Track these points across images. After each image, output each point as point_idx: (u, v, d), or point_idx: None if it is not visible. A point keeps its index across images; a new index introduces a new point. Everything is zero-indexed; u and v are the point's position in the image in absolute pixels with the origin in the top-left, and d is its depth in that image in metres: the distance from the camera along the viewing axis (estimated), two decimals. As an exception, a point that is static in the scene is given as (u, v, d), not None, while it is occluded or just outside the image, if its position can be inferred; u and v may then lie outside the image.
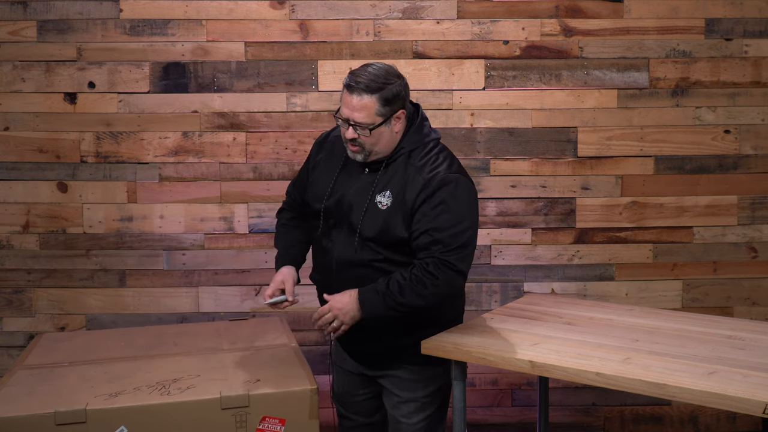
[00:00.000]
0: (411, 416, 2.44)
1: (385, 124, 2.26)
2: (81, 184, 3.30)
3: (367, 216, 2.30)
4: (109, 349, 2.66)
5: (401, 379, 2.44)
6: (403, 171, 2.31)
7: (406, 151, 2.32)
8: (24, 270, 3.32)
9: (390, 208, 2.29)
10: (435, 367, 2.42)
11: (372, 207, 2.31)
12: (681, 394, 1.96)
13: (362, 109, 2.22)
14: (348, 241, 2.34)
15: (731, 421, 3.43)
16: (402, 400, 2.44)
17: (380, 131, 2.26)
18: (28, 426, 2.11)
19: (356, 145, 2.28)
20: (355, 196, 2.34)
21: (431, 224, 2.23)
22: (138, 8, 3.25)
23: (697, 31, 3.32)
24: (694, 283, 3.40)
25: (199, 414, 2.20)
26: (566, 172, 3.35)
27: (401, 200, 2.28)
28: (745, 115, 3.35)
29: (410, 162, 2.31)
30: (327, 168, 2.44)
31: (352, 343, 2.47)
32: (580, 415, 3.44)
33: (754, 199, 3.38)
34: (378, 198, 2.31)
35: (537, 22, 3.29)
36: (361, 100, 2.22)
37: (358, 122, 2.24)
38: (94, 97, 3.28)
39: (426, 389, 2.44)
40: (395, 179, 2.31)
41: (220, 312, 3.34)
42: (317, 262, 2.46)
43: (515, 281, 3.38)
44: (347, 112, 2.25)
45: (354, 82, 2.23)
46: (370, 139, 2.26)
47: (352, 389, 2.58)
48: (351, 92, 2.24)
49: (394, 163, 2.33)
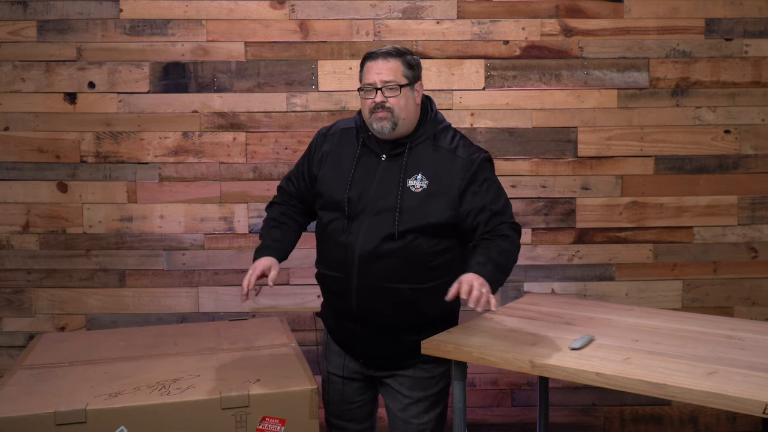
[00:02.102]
0: (421, 416, 2.44)
1: (410, 88, 2.30)
2: (81, 184, 3.30)
3: (402, 201, 2.29)
4: (109, 349, 2.66)
5: (413, 378, 2.43)
6: (434, 153, 2.32)
7: (430, 135, 2.36)
8: (24, 270, 3.32)
9: (427, 191, 2.29)
10: (443, 365, 2.43)
11: (406, 192, 2.30)
12: (681, 394, 1.96)
13: (389, 70, 2.27)
14: (374, 232, 2.29)
15: (731, 421, 3.43)
16: (412, 401, 2.44)
17: (407, 95, 2.30)
18: (28, 426, 2.11)
19: (385, 110, 2.27)
20: (381, 184, 2.32)
21: (485, 200, 2.30)
22: (138, 8, 3.26)
23: (697, 31, 3.32)
24: (694, 283, 3.40)
25: (199, 414, 2.20)
26: (566, 172, 3.35)
27: (441, 183, 2.29)
28: (745, 115, 3.35)
29: (439, 145, 2.34)
30: (339, 159, 2.41)
31: (363, 344, 2.42)
32: (580, 415, 3.44)
33: (754, 199, 3.38)
34: (410, 182, 2.30)
35: (537, 22, 3.29)
36: (387, 63, 2.28)
37: (388, 81, 2.26)
38: (94, 97, 3.28)
39: (436, 386, 2.45)
40: (426, 162, 2.32)
41: (220, 312, 3.34)
42: (332, 259, 2.38)
43: (515, 281, 3.38)
44: (373, 76, 2.28)
45: (377, 51, 2.31)
46: (400, 101, 2.28)
47: (350, 396, 2.53)
48: (375, 59, 2.29)
49: (417, 147, 2.34)
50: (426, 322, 2.38)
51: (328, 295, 2.49)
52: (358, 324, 2.39)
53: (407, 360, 2.42)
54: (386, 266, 2.29)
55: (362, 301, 2.34)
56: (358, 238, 2.31)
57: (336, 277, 2.38)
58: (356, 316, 2.37)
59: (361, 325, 2.39)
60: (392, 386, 2.46)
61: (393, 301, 2.32)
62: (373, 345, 2.41)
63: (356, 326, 2.40)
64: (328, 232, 2.39)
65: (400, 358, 2.42)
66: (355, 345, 2.45)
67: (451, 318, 2.51)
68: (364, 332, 2.39)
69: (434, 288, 2.30)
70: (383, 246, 2.28)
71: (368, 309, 2.34)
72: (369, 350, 2.43)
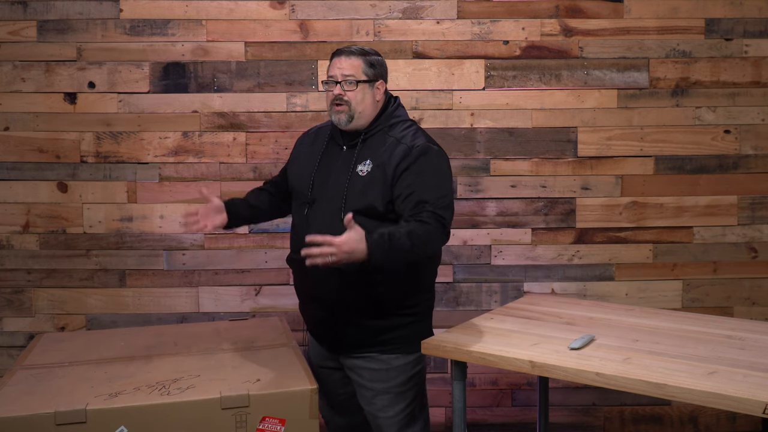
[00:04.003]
0: (386, 409, 2.46)
1: (369, 84, 2.42)
2: (81, 184, 3.30)
3: (350, 185, 2.38)
4: (109, 349, 2.66)
5: (371, 370, 2.45)
6: (383, 142, 2.41)
7: (385, 126, 2.44)
8: (24, 270, 3.32)
9: (370, 175, 2.36)
10: (406, 355, 2.44)
11: (354, 176, 2.39)
12: (681, 394, 1.96)
13: (350, 66, 2.41)
14: (326, 215, 2.38)
15: (731, 421, 3.43)
16: (375, 393, 2.46)
17: (365, 90, 2.41)
18: (28, 426, 2.11)
19: (342, 104, 2.39)
20: (338, 171, 2.43)
21: (416, 188, 2.31)
22: (138, 8, 3.26)
23: (697, 31, 3.32)
24: (694, 283, 3.40)
25: (199, 414, 2.20)
26: (566, 172, 3.35)
27: (382, 167, 2.36)
28: (745, 115, 3.35)
29: (390, 134, 2.43)
30: (310, 153, 2.56)
31: (326, 327, 2.48)
32: (580, 415, 3.44)
33: (754, 199, 3.38)
34: (359, 167, 2.40)
35: (537, 22, 3.29)
36: (349, 59, 2.42)
37: (347, 75, 2.39)
38: (94, 97, 3.28)
39: (398, 378, 2.45)
40: (375, 149, 2.40)
41: (220, 312, 3.34)
42: (295, 243, 2.47)
43: (515, 281, 3.38)
44: (335, 71, 2.42)
45: (343, 48, 2.46)
46: (357, 95, 2.39)
47: (333, 387, 2.60)
48: (339, 55, 2.44)
49: (372, 137, 2.43)
50: (379, 307, 2.40)
51: (294, 278, 2.58)
52: (316, 306, 2.48)
53: (365, 348, 2.44)
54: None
55: (316, 282, 2.42)
56: (314, 220, 2.41)
57: (296, 260, 2.45)
58: (313, 297, 2.47)
59: (317, 306, 2.47)
60: (355, 379, 2.50)
61: (342, 283, 2.37)
62: (329, 327, 2.48)
63: (314, 308, 2.49)
64: (294, 218, 2.53)
65: (358, 344, 2.45)
66: (316, 328, 2.54)
67: (414, 306, 2.46)
68: (321, 315, 2.47)
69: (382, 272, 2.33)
70: (332, 228, 2.31)
71: (320, 291, 2.43)
72: (327, 333, 2.50)
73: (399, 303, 2.43)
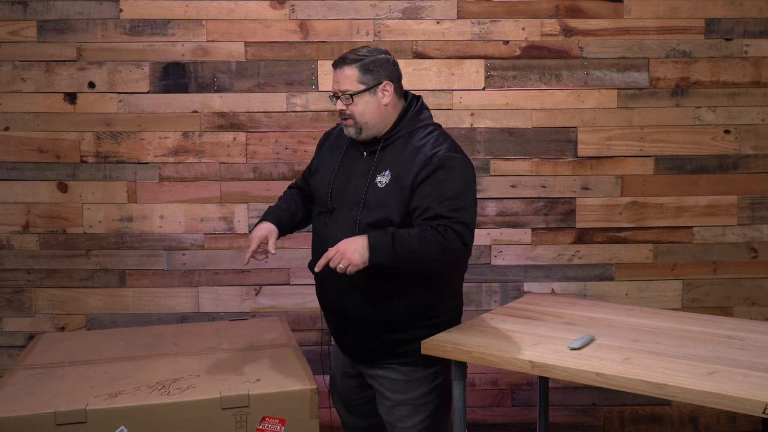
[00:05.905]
0: (405, 420, 2.42)
1: (369, 92, 2.32)
2: (81, 184, 3.30)
3: (367, 196, 2.32)
4: (109, 349, 2.66)
5: (391, 380, 2.42)
6: (403, 150, 2.33)
7: (405, 133, 2.36)
8: (24, 270, 3.32)
9: (388, 186, 2.30)
10: (426, 368, 2.40)
11: (372, 187, 2.32)
12: (681, 394, 1.96)
13: (344, 79, 2.32)
14: (343, 225, 2.33)
15: (731, 421, 3.43)
16: (394, 404, 2.43)
17: (365, 100, 2.32)
18: (28, 426, 2.11)
19: (347, 118, 2.34)
20: (356, 179, 2.37)
21: (434, 201, 2.23)
22: (138, 8, 3.26)
23: (697, 31, 3.32)
24: (694, 283, 3.40)
25: (199, 414, 2.20)
26: (566, 172, 3.35)
27: (400, 178, 2.29)
28: (745, 115, 3.35)
29: (410, 142, 2.34)
30: (331, 156, 2.50)
31: (345, 338, 2.47)
32: (580, 415, 3.44)
33: (754, 199, 3.38)
34: (378, 178, 2.33)
35: (537, 22, 3.29)
36: (342, 72, 2.32)
37: (343, 90, 2.32)
38: (94, 97, 3.28)
39: (417, 390, 2.41)
40: (395, 159, 2.33)
41: (220, 312, 3.34)
42: (315, 250, 2.45)
43: (515, 281, 3.38)
44: (334, 85, 2.36)
45: (338, 58, 2.36)
46: (357, 108, 2.32)
47: (350, 392, 2.59)
48: (335, 68, 2.36)
49: (392, 145, 2.36)
50: (396, 320, 2.36)
51: (315, 285, 2.54)
52: (336, 316, 2.46)
53: (385, 359, 2.41)
54: None
55: (333, 294, 2.39)
56: (332, 230, 2.37)
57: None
58: (333, 308, 2.44)
59: (337, 317, 2.45)
60: (376, 388, 2.47)
61: (359, 296, 2.34)
62: (350, 338, 2.45)
63: (335, 318, 2.47)
64: (315, 225, 2.49)
65: (378, 355, 2.42)
66: (338, 337, 2.51)
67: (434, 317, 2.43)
68: (342, 324, 2.45)
69: (399, 284, 2.31)
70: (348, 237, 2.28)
71: (338, 302, 2.40)
72: (349, 342, 2.48)
73: (418, 316, 2.39)
